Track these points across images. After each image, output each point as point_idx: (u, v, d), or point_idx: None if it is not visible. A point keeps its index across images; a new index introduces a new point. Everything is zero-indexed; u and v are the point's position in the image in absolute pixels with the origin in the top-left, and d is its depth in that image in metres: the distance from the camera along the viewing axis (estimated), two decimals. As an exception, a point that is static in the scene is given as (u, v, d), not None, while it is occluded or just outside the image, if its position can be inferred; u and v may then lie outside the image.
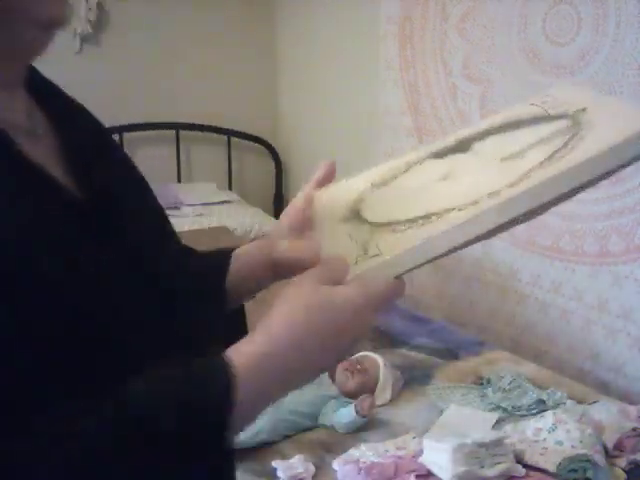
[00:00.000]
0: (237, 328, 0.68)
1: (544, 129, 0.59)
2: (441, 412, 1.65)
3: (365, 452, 1.42)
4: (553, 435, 1.43)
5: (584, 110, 0.59)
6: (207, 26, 2.96)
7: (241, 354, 0.48)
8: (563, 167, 0.51)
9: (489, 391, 1.73)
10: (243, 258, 0.67)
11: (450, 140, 0.63)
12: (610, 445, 1.44)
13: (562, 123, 0.58)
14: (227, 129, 3.05)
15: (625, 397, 1.85)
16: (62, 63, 2.66)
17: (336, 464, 1.42)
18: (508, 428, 1.52)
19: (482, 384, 1.79)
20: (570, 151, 0.53)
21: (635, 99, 1.74)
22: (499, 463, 1.33)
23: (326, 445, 1.52)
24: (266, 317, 0.51)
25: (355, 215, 0.58)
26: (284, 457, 1.44)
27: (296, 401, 1.58)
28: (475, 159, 0.60)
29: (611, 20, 1.77)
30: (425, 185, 0.59)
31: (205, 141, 3.03)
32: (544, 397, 1.66)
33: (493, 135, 0.62)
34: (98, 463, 0.44)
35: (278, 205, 3.25)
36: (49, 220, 0.49)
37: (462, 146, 0.63)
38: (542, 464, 1.36)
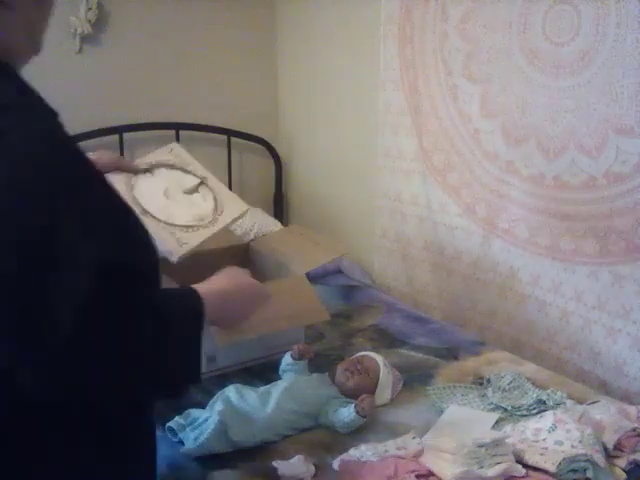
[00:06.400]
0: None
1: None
2: (441, 412, 1.65)
3: (365, 452, 1.42)
4: (553, 435, 1.43)
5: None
6: (207, 26, 2.96)
7: (200, 288, 0.99)
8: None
9: (489, 391, 1.73)
10: None
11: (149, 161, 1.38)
12: (610, 445, 1.44)
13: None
14: (227, 129, 3.05)
15: (625, 397, 1.85)
16: (62, 63, 2.66)
17: (336, 464, 1.42)
18: (508, 428, 1.52)
19: (482, 384, 1.79)
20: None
21: (635, 99, 1.74)
22: (499, 463, 1.33)
23: (326, 445, 1.52)
24: (209, 280, 1.09)
25: None
26: (284, 457, 1.44)
27: (296, 401, 1.58)
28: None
29: (611, 20, 1.77)
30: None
31: (205, 141, 3.03)
32: (544, 397, 1.66)
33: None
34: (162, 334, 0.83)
35: (278, 205, 3.25)
36: None
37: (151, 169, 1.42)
38: (542, 464, 1.36)
